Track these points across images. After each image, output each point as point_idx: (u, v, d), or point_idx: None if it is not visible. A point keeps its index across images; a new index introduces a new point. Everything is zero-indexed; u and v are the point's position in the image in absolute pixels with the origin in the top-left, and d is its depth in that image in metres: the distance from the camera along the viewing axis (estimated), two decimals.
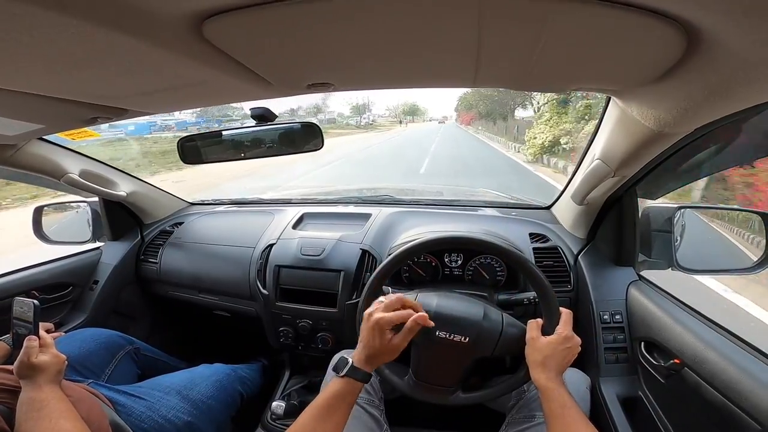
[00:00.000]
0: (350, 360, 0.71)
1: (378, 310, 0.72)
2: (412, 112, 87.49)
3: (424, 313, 0.73)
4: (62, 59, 0.46)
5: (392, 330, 0.71)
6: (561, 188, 1.32)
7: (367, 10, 0.39)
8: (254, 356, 1.59)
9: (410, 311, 0.73)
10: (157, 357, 1.36)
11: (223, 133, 0.96)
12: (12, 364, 0.80)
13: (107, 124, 0.87)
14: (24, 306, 0.83)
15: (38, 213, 1.47)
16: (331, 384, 0.70)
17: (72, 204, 1.59)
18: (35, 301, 0.83)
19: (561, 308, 0.81)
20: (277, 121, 0.89)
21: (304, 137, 0.93)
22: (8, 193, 7.56)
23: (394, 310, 0.72)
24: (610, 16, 0.39)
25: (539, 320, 0.81)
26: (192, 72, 0.55)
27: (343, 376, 0.69)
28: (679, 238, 1.03)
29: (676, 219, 1.02)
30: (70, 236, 1.54)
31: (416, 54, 0.51)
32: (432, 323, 0.74)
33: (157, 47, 0.45)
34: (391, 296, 0.74)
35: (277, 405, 1.22)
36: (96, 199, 1.51)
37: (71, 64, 0.49)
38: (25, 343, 0.78)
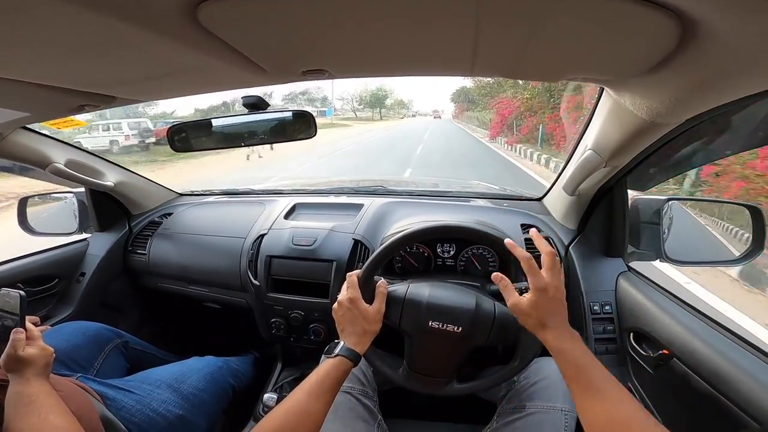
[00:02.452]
0: (341, 341, 0.77)
1: (343, 293, 0.82)
2: (376, 104, 66.93)
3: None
4: (51, 45, 0.45)
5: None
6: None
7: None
8: (246, 348, 1.59)
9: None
10: (147, 350, 1.34)
11: (215, 121, 0.95)
12: None
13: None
14: (9, 298, 0.81)
15: (23, 204, 1.44)
16: (324, 365, 0.73)
17: (58, 195, 1.55)
18: (21, 293, 0.80)
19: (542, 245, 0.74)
20: (269, 109, 0.88)
21: (297, 125, 0.92)
22: None
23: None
24: (605, 7, 0.39)
25: (508, 283, 0.72)
26: (185, 58, 0.54)
27: (336, 356, 0.74)
28: (667, 230, 1.05)
29: (664, 211, 1.03)
30: (56, 228, 1.51)
31: (413, 41, 0.51)
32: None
33: (151, 33, 0.44)
34: (351, 274, 0.84)
35: (269, 397, 1.22)
36: (82, 189, 1.48)
37: (61, 51, 0.48)
38: (11, 336, 0.76)
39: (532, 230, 0.80)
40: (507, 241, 0.76)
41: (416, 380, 0.86)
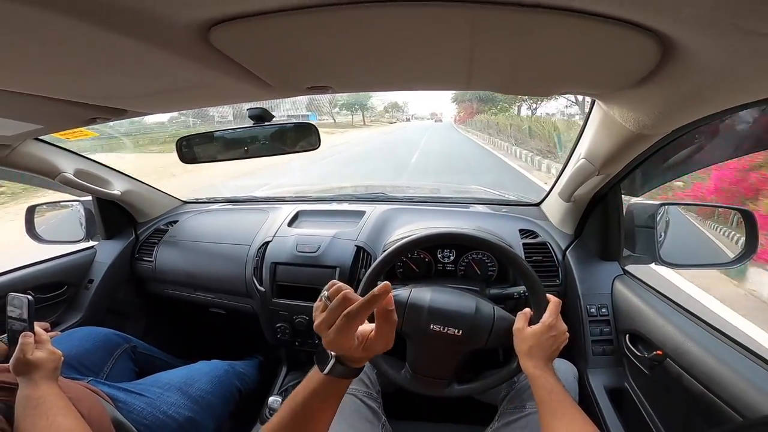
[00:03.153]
0: (332, 354, 0.57)
1: (316, 310, 0.58)
2: (355, 106, 53.69)
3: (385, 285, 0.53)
4: (67, 62, 0.47)
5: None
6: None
7: (365, 21, 0.41)
8: (251, 352, 1.61)
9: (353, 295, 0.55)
10: (155, 355, 1.36)
11: (222, 133, 0.98)
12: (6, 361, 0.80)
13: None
14: (18, 302, 0.83)
15: (30, 212, 1.47)
16: (311, 378, 0.58)
17: (65, 203, 1.58)
18: (29, 297, 0.82)
19: (549, 296, 0.83)
20: (273, 121, 0.91)
21: (301, 136, 0.95)
22: None
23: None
24: (591, 28, 0.41)
25: (527, 311, 0.83)
26: (196, 75, 0.57)
27: (326, 374, 0.56)
28: (662, 234, 1.07)
29: (659, 215, 1.05)
30: (64, 235, 1.54)
31: (412, 61, 0.54)
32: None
33: (165, 52, 0.46)
34: (333, 283, 0.59)
35: (274, 400, 1.24)
36: (89, 198, 1.51)
37: (75, 67, 0.50)
38: (20, 340, 0.77)
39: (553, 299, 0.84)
40: (549, 295, 0.83)
41: (418, 382, 0.88)
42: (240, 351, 1.59)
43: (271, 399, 1.25)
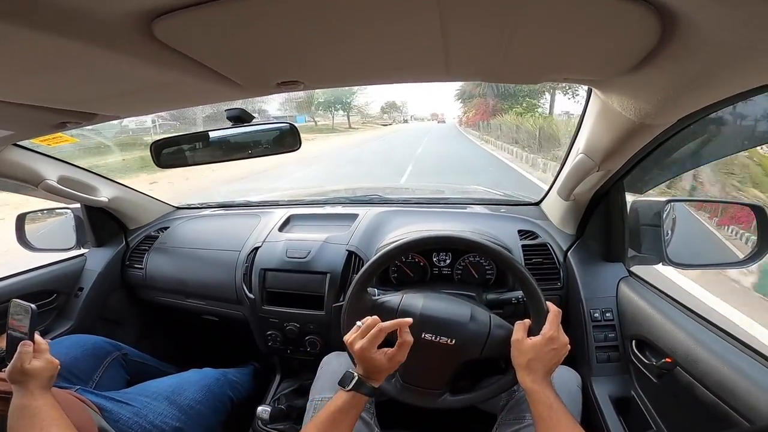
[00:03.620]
0: (356, 374, 0.73)
1: (356, 338, 0.72)
2: (335, 105, 43.16)
3: (407, 320, 0.74)
4: (13, 67, 0.45)
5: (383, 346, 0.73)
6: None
7: (320, 4, 0.38)
8: (245, 360, 1.58)
9: (386, 325, 0.72)
10: (146, 362, 1.34)
11: (199, 135, 0.94)
12: (1, 369, 0.81)
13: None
14: (20, 310, 0.82)
15: (21, 220, 1.45)
16: (336, 397, 0.72)
17: (56, 210, 1.57)
18: (32, 306, 0.81)
19: (549, 305, 0.79)
20: (253, 122, 0.87)
21: (280, 138, 0.91)
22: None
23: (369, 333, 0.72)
24: (579, 1, 0.37)
25: (527, 321, 0.79)
26: (150, 74, 0.53)
27: (349, 390, 0.72)
28: (669, 232, 1.02)
29: (665, 213, 1.00)
30: (55, 243, 1.52)
31: (381, 47, 0.49)
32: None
33: (108, 50, 0.43)
34: (367, 320, 0.73)
35: (263, 410, 1.20)
36: (79, 205, 1.48)
37: (23, 72, 0.48)
38: (19, 348, 0.77)
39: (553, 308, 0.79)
40: (549, 304, 0.79)
41: (409, 392, 0.84)
42: (234, 358, 1.56)
43: (260, 409, 1.21)
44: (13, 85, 0.54)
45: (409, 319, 0.73)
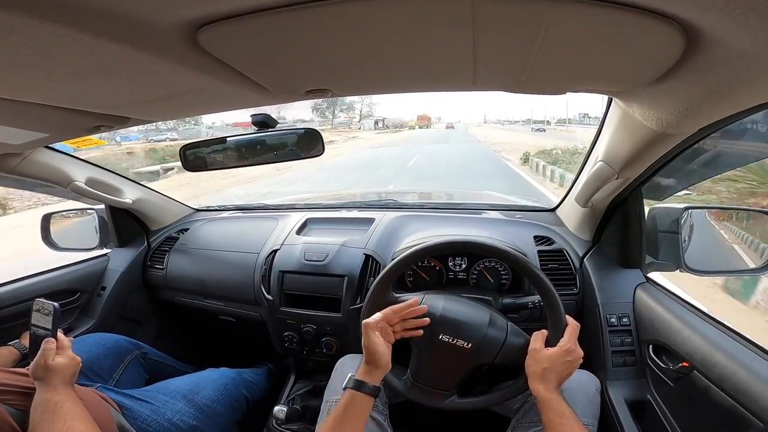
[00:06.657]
0: (351, 374, 0.77)
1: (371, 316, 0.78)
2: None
3: (422, 308, 0.81)
4: (63, 69, 0.47)
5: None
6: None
7: (359, 16, 0.39)
8: (260, 360, 1.60)
9: (397, 307, 0.80)
10: (165, 361, 1.37)
11: (227, 140, 0.96)
12: (23, 366, 0.82)
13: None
14: (44, 308, 0.84)
15: (46, 220, 1.49)
16: (341, 398, 0.76)
17: (80, 211, 1.61)
18: (55, 304, 0.83)
19: (568, 318, 0.80)
20: (277, 127, 0.90)
21: (305, 143, 0.93)
22: None
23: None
24: (606, 17, 0.38)
25: (544, 332, 0.80)
26: (189, 80, 0.56)
27: (345, 389, 0.75)
28: (686, 239, 1.01)
29: (683, 220, 1.00)
30: (78, 243, 1.56)
31: (412, 58, 0.51)
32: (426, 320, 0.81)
33: (154, 56, 0.45)
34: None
35: (279, 410, 1.22)
36: (103, 206, 1.52)
37: (72, 75, 0.50)
38: (42, 345, 0.79)
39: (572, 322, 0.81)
40: (568, 317, 0.81)
41: (418, 391, 0.86)
42: (250, 359, 1.58)
43: (276, 408, 1.23)
44: (55, 88, 0.56)
45: (424, 308, 0.81)
